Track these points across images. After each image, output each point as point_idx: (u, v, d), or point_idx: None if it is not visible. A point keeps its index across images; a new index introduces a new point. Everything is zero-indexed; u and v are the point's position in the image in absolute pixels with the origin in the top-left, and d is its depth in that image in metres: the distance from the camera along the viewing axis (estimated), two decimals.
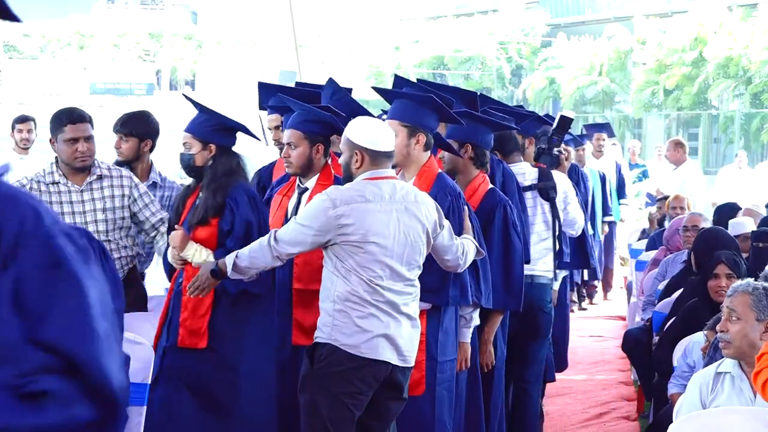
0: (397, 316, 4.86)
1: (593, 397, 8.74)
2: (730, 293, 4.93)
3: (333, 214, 4.76)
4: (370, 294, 4.80)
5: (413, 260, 4.90)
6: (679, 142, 13.48)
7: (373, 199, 4.83)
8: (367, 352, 4.80)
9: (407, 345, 4.90)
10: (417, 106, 5.35)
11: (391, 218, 4.83)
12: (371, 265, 4.79)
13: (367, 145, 4.89)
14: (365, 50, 52.28)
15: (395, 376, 4.89)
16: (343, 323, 4.81)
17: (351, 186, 4.90)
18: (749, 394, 4.79)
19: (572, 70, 41.34)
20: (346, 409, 4.82)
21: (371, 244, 4.78)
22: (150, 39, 59.61)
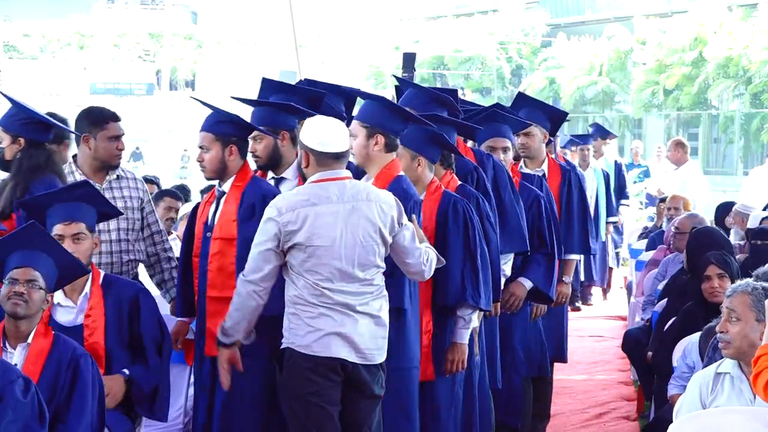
0: (353, 314, 4.85)
1: (593, 397, 8.74)
2: (729, 293, 4.93)
3: (280, 221, 4.78)
4: (317, 297, 4.81)
5: (366, 261, 4.87)
6: (680, 142, 13.47)
7: (318, 202, 4.83)
8: (319, 350, 4.81)
9: (368, 343, 4.87)
10: (379, 108, 5.35)
11: (337, 220, 4.82)
12: (318, 269, 4.80)
13: (314, 146, 4.89)
14: (365, 50, 52.28)
15: (358, 374, 4.88)
16: (297, 325, 4.84)
17: (297, 191, 4.92)
18: (749, 394, 4.78)
19: (572, 70, 41.34)
20: (319, 408, 4.83)
21: (317, 248, 4.79)
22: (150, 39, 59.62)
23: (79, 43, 58.79)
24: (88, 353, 4.73)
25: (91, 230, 5.16)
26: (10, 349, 4.67)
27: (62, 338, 4.73)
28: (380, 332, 4.93)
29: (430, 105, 6.00)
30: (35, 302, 4.63)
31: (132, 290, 5.22)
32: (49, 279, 4.73)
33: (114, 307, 5.14)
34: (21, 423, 4.24)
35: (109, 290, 5.16)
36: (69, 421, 4.52)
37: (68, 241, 5.05)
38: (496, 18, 49.38)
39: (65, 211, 5.12)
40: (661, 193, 13.48)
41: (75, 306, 5.12)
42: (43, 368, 4.59)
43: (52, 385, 4.57)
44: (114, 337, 5.12)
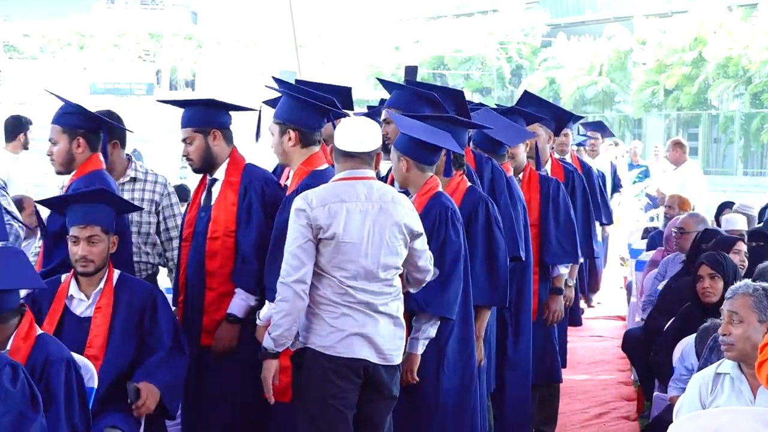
0: (374, 315, 4.85)
1: (593, 397, 8.73)
2: (729, 296, 4.92)
3: (311, 215, 4.77)
4: (340, 296, 4.80)
5: (389, 261, 4.89)
6: (678, 142, 13.47)
7: (348, 199, 4.84)
8: (343, 351, 4.80)
9: (388, 344, 4.89)
10: (294, 104, 5.39)
11: (366, 218, 4.83)
12: (344, 265, 4.79)
13: (338, 145, 4.92)
14: (365, 50, 52.28)
15: (377, 375, 4.88)
16: (319, 326, 4.82)
17: (325, 187, 4.90)
18: (749, 394, 4.78)
19: (572, 70, 41.34)
20: (336, 410, 4.82)
21: (345, 244, 4.79)
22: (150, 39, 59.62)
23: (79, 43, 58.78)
24: (63, 359, 4.63)
25: (107, 231, 5.17)
26: None
27: (41, 342, 4.65)
28: (399, 333, 4.94)
29: (416, 104, 5.97)
30: None
31: (147, 289, 5.27)
32: None
33: (126, 304, 5.16)
34: (14, 412, 4.23)
35: (123, 288, 5.19)
36: None
37: (83, 243, 5.11)
38: (496, 18, 49.37)
39: (81, 214, 5.15)
40: (660, 193, 13.48)
41: (87, 300, 5.15)
42: None
43: None
44: (121, 333, 5.13)
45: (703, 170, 32.53)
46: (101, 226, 5.16)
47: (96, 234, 5.13)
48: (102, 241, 5.15)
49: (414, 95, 6.02)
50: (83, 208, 5.18)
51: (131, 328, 5.16)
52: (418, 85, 6.57)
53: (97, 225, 5.14)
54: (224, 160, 5.59)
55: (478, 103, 7.15)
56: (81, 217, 5.15)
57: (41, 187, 13.95)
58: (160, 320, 5.19)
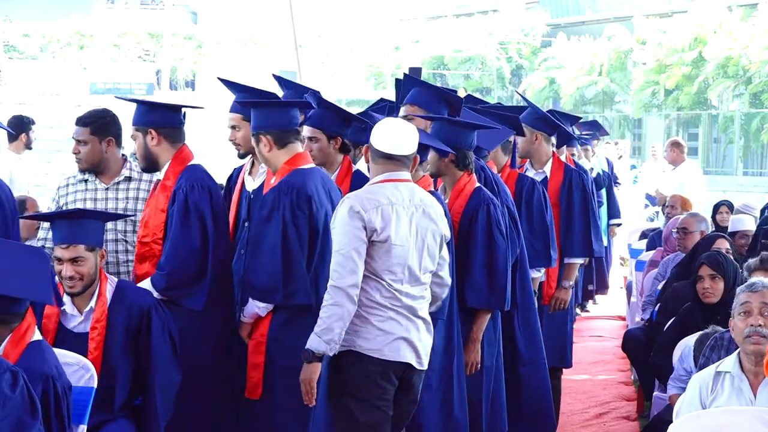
0: (414, 319, 4.89)
1: (593, 397, 8.74)
2: (758, 288, 4.90)
3: (366, 218, 4.76)
4: (388, 299, 4.81)
5: (428, 264, 4.93)
6: (676, 143, 13.50)
7: (396, 202, 4.84)
8: (390, 354, 4.82)
9: (424, 348, 4.93)
10: (257, 112, 5.42)
11: (411, 221, 4.85)
12: (393, 268, 4.80)
13: (377, 146, 4.92)
14: (365, 50, 52.22)
15: (411, 378, 4.93)
16: (365, 329, 4.81)
17: (371, 189, 4.88)
18: (749, 393, 4.79)
19: (572, 70, 41.29)
20: (381, 412, 4.85)
21: (395, 246, 4.79)
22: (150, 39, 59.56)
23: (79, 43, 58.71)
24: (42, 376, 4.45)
25: (93, 248, 5.05)
26: None
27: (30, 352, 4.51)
28: (430, 338, 4.99)
29: (436, 103, 5.98)
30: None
31: (145, 302, 5.15)
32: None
33: (124, 318, 5.09)
34: (12, 417, 4.21)
35: (121, 300, 5.10)
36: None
37: (67, 264, 5.01)
38: (496, 18, 49.31)
39: (65, 232, 5.04)
40: (659, 193, 13.48)
41: (80, 316, 5.08)
42: None
43: None
44: (120, 349, 5.07)
45: (703, 170, 32.52)
46: (86, 244, 5.02)
47: (80, 255, 5.00)
48: (87, 260, 5.02)
49: (436, 94, 6.02)
50: (66, 226, 5.03)
51: (129, 342, 5.10)
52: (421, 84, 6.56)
53: (80, 243, 5.01)
54: (167, 160, 5.57)
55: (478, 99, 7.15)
56: (64, 236, 5.02)
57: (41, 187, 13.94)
58: (153, 340, 5.09)
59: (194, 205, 5.43)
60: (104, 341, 5.04)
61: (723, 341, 5.46)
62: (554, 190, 7.36)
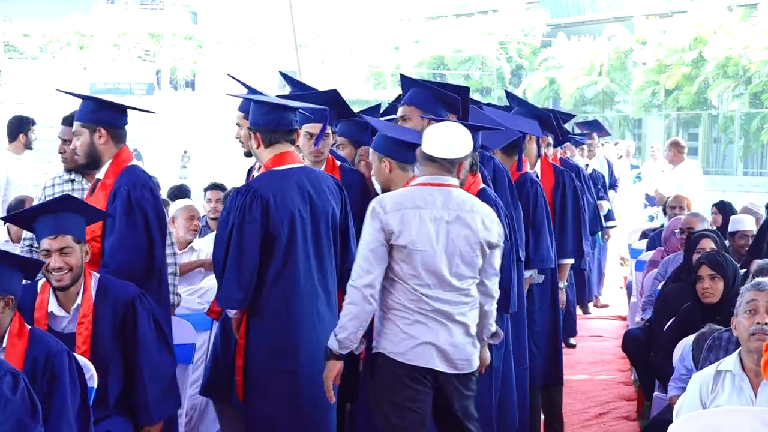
0: (448, 324, 4.84)
1: (593, 397, 8.73)
2: (765, 287, 4.91)
3: (383, 219, 4.76)
4: (414, 303, 4.79)
5: (464, 271, 4.86)
6: (676, 143, 13.50)
7: (423, 206, 4.81)
8: (413, 359, 4.80)
9: (459, 353, 4.88)
10: (254, 108, 5.45)
11: (440, 227, 4.81)
12: (416, 273, 4.77)
13: (424, 148, 4.92)
14: (365, 50, 52.22)
15: (449, 382, 4.88)
16: (391, 331, 4.81)
17: (403, 191, 4.89)
18: (749, 392, 4.79)
19: (572, 70, 41.29)
20: (415, 414, 4.82)
21: (417, 251, 4.76)
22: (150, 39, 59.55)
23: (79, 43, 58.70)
24: (65, 351, 4.63)
25: (79, 240, 5.05)
26: None
27: (37, 336, 4.63)
28: (471, 341, 4.94)
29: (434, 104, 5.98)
30: None
31: (129, 294, 5.14)
32: (6, 284, 4.57)
33: (110, 312, 5.07)
34: (13, 420, 4.21)
35: (105, 296, 5.08)
36: (49, 421, 4.47)
37: (56, 255, 4.98)
38: (496, 18, 49.31)
39: (51, 224, 5.02)
40: (659, 193, 13.47)
41: (68, 315, 5.06)
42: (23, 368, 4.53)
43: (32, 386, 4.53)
44: (108, 343, 5.06)
45: (703, 170, 32.49)
46: (73, 235, 5.01)
47: (68, 245, 4.99)
48: (75, 251, 5.01)
49: (432, 95, 6.03)
50: (52, 219, 5.01)
51: (117, 336, 5.09)
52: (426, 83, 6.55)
53: (68, 234, 5.00)
54: (108, 159, 5.59)
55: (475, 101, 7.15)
56: (51, 228, 4.99)
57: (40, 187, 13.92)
58: (140, 330, 5.09)
59: (137, 204, 5.45)
60: (92, 336, 5.02)
61: (721, 341, 5.46)
62: (547, 192, 7.30)
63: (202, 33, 59.87)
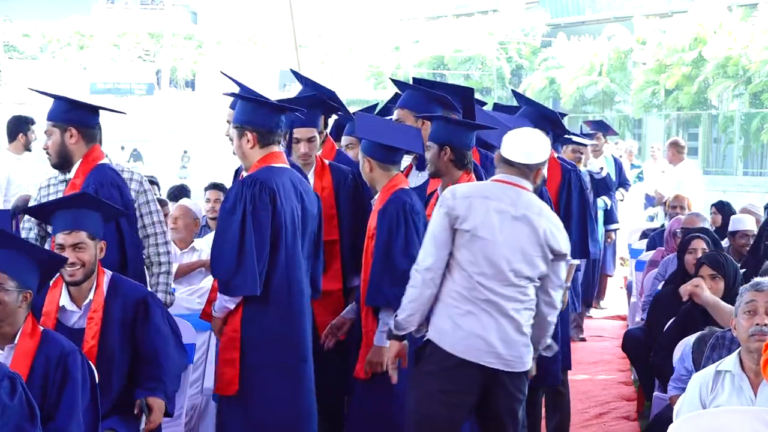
0: (499, 318, 4.85)
1: (593, 397, 8.73)
2: (764, 287, 4.90)
3: (450, 205, 4.84)
4: (469, 291, 4.82)
5: (523, 269, 4.89)
6: (675, 143, 13.51)
7: (491, 197, 4.88)
8: (463, 352, 4.82)
9: (510, 349, 4.88)
10: (250, 106, 5.46)
11: (504, 220, 4.87)
12: (477, 260, 4.82)
13: (502, 151, 4.99)
14: (365, 50, 52.23)
15: (498, 378, 4.88)
16: (442, 321, 4.85)
17: (476, 183, 5.05)
18: (749, 392, 4.78)
19: (572, 70, 41.31)
20: (446, 407, 4.84)
21: (479, 239, 4.82)
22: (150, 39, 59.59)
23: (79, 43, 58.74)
24: (77, 350, 4.67)
25: (94, 237, 5.06)
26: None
27: (50, 336, 4.66)
28: (523, 340, 4.93)
29: (428, 105, 6.01)
30: (7, 305, 4.54)
31: (140, 294, 5.16)
32: (25, 277, 4.61)
33: (119, 311, 5.09)
34: (12, 425, 4.21)
35: (116, 293, 5.10)
36: (59, 419, 4.49)
37: (69, 251, 5.00)
38: (496, 18, 49.33)
39: (67, 220, 5.05)
40: (657, 193, 13.46)
41: (80, 311, 5.08)
42: (31, 369, 4.53)
43: (42, 386, 4.53)
44: (116, 341, 5.08)
45: (703, 170, 32.48)
46: (88, 232, 5.03)
47: (82, 241, 5.01)
48: (88, 247, 5.03)
49: (426, 96, 6.06)
50: (68, 214, 5.05)
51: (125, 335, 5.10)
52: (427, 84, 6.56)
53: (83, 230, 5.02)
54: (78, 159, 5.63)
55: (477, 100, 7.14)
56: (66, 223, 5.02)
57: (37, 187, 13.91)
58: (152, 327, 5.10)
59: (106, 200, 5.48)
60: (100, 333, 5.04)
61: (724, 340, 5.46)
62: (552, 191, 7.25)
63: (202, 33, 59.92)
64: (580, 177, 7.55)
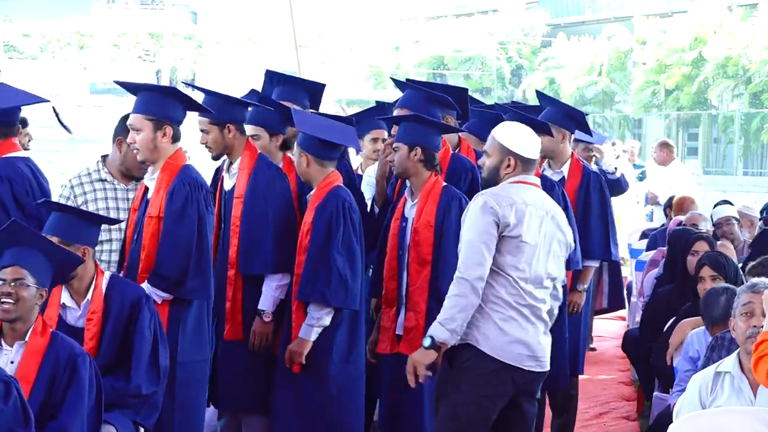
0: (535, 321, 4.93)
1: (593, 397, 8.73)
2: (761, 289, 4.90)
3: (499, 213, 4.84)
4: (513, 296, 4.86)
5: (553, 270, 4.99)
6: (665, 143, 13.55)
7: (530, 203, 4.93)
8: (507, 357, 4.86)
9: (544, 350, 4.98)
10: (161, 98, 5.45)
11: (542, 224, 4.93)
12: (521, 265, 4.86)
13: (518, 150, 4.98)
14: (365, 50, 52.21)
15: (531, 381, 4.97)
16: (485, 326, 4.86)
17: (504, 188, 4.95)
18: (749, 393, 4.78)
19: (572, 70, 41.29)
20: (485, 411, 4.88)
21: (526, 245, 4.86)
22: (150, 39, 59.55)
23: (79, 43, 58.68)
24: (86, 353, 4.72)
25: (70, 244, 4.99)
26: (6, 347, 4.65)
27: (60, 337, 4.70)
28: (549, 341, 5.04)
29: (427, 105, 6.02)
30: (25, 300, 4.57)
31: (135, 294, 5.15)
32: (42, 275, 4.66)
33: (117, 310, 5.09)
34: (4, 429, 4.21)
35: (113, 292, 5.10)
36: (61, 418, 4.49)
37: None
38: (496, 18, 49.31)
39: (55, 224, 5.05)
40: (651, 193, 13.46)
41: (79, 309, 5.08)
42: (40, 367, 4.57)
43: (49, 384, 4.55)
44: (115, 341, 5.08)
45: (703, 170, 32.47)
46: (65, 240, 5.00)
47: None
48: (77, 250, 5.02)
49: (426, 96, 6.07)
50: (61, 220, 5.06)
51: (119, 332, 5.10)
52: (422, 85, 6.59)
53: (64, 238, 5.00)
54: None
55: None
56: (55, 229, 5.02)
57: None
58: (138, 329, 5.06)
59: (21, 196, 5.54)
60: (100, 333, 5.05)
61: (724, 341, 5.46)
62: (571, 191, 7.16)
63: (202, 33, 59.87)
64: (600, 178, 7.45)
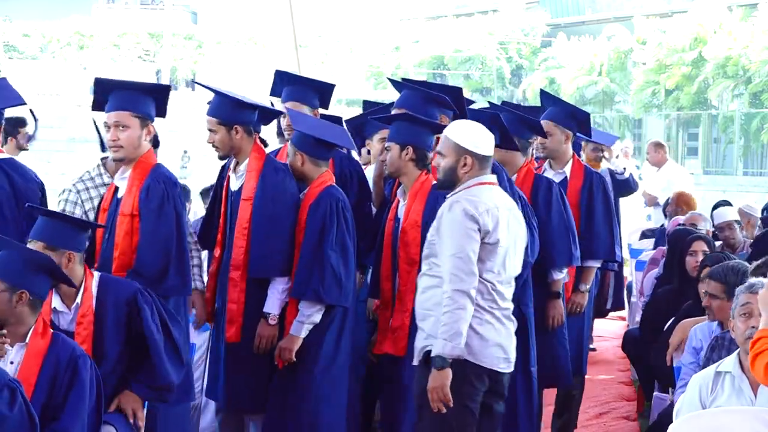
0: (506, 322, 4.96)
1: (593, 397, 8.73)
2: (759, 289, 4.90)
3: (480, 221, 4.84)
4: (488, 302, 4.87)
5: (518, 266, 5.04)
6: (658, 144, 13.54)
7: (501, 205, 4.95)
8: (484, 361, 4.89)
9: (513, 352, 5.03)
10: (141, 95, 5.61)
11: (510, 224, 4.95)
12: (497, 269, 4.88)
13: (476, 149, 4.98)
14: (365, 50, 52.22)
15: (501, 380, 5.02)
16: None
17: (473, 192, 4.93)
18: (749, 393, 4.78)
19: (572, 70, 41.30)
20: (470, 412, 4.91)
21: (501, 248, 4.89)
22: (150, 39, 59.56)
23: (79, 43, 58.69)
24: (86, 354, 4.71)
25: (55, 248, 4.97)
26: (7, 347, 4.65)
27: (61, 338, 4.70)
28: (515, 341, 5.06)
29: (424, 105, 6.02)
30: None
31: (129, 291, 5.10)
32: (17, 278, 4.62)
33: (112, 312, 5.05)
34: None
35: (106, 293, 5.06)
36: (62, 419, 4.50)
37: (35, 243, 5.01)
38: (496, 18, 49.33)
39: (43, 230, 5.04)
40: (647, 194, 13.45)
41: (70, 313, 5.05)
42: (41, 368, 4.57)
43: (50, 386, 4.55)
44: (111, 342, 5.04)
45: (703, 170, 32.49)
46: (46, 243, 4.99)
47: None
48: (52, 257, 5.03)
49: (424, 96, 6.07)
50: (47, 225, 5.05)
51: (120, 333, 5.06)
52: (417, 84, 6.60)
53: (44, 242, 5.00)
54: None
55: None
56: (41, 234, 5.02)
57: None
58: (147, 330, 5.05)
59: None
60: (93, 337, 4.99)
61: (724, 341, 5.46)
62: (574, 192, 7.12)
63: (202, 33, 59.86)
64: (602, 179, 7.40)
